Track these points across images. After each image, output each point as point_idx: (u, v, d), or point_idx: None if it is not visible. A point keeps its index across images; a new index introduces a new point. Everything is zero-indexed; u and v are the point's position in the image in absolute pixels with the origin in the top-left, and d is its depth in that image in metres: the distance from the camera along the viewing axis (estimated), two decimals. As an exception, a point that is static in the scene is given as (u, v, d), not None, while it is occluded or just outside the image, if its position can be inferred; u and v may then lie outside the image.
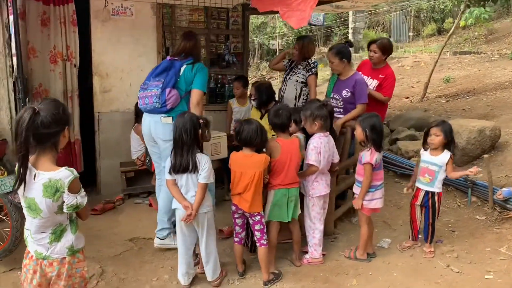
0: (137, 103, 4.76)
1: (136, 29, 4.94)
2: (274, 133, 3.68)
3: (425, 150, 3.77)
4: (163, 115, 3.65)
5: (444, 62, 14.17)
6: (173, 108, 3.63)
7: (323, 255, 3.74)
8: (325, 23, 10.49)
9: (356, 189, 3.69)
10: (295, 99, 5.17)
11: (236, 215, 3.39)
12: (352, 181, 4.25)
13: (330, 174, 3.86)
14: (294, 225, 3.63)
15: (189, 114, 3.23)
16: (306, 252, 3.72)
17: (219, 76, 5.46)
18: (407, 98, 10.10)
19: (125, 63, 4.98)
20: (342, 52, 4.42)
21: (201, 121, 3.22)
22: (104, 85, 4.96)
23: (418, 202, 3.76)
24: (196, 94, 3.68)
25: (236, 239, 3.44)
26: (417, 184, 3.76)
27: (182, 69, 3.69)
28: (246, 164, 3.24)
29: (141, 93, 3.71)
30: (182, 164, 3.10)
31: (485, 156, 4.40)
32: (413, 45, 19.28)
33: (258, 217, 3.34)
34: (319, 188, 3.58)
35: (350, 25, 19.30)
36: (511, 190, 4.18)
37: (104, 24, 4.83)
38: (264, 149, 3.50)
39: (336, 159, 3.73)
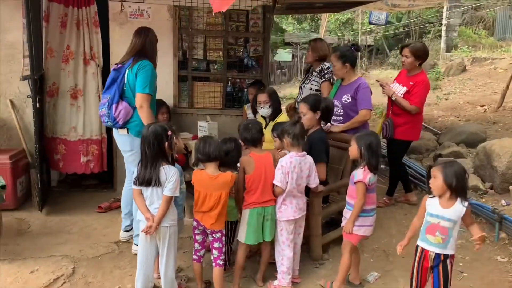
0: None
1: (153, 32, 4.95)
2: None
3: (432, 196, 2.77)
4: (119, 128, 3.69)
5: (549, 65, 12.47)
6: (127, 121, 3.61)
7: (297, 282, 3.46)
8: (388, 22, 9.74)
9: (347, 213, 3.30)
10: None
11: (196, 231, 3.26)
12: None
13: (314, 195, 3.55)
14: (265, 246, 3.42)
15: (154, 126, 3.09)
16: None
17: (237, 80, 5.29)
18: (482, 106, 9.03)
19: (142, 65, 5.02)
20: (346, 56, 4.06)
21: (169, 132, 3.09)
22: (121, 86, 5.05)
23: (430, 264, 2.78)
24: (138, 98, 3.57)
25: (195, 256, 3.30)
26: (423, 244, 2.79)
27: (126, 75, 3.60)
28: (212, 186, 3.08)
29: (99, 111, 3.76)
30: (146, 177, 3.02)
31: (511, 188, 3.72)
32: (519, 44, 17.20)
33: (219, 234, 3.18)
34: (287, 212, 3.29)
35: (444, 21, 17.76)
36: (537, 232, 3.49)
37: (122, 26, 4.92)
38: (238, 164, 3.34)
39: (314, 183, 3.40)
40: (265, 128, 4.34)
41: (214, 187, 3.07)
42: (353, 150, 3.25)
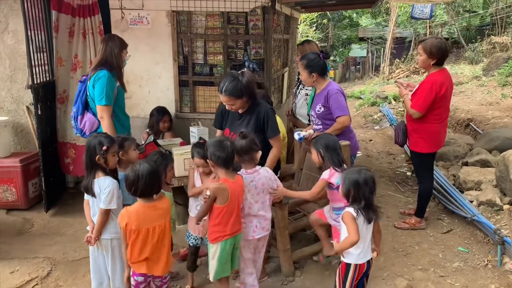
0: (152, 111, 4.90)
1: (152, 38, 5.00)
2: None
3: None
4: None
5: None
6: (93, 131, 3.73)
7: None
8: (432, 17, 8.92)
9: (337, 217, 3.13)
10: (308, 114, 4.58)
11: (141, 286, 2.83)
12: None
13: (279, 208, 3.35)
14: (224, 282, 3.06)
15: (92, 137, 3.06)
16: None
17: (239, 84, 5.14)
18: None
19: (144, 71, 5.11)
20: (312, 65, 3.75)
21: (104, 147, 2.95)
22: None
23: None
24: (97, 110, 3.65)
25: None
26: None
27: (87, 87, 3.68)
28: (152, 217, 2.76)
29: None
30: (84, 185, 3.05)
31: (506, 206, 3.20)
32: None
33: (167, 277, 2.96)
34: (246, 231, 3.05)
35: (528, 9, 15.99)
36: (530, 261, 2.96)
37: (123, 33, 4.98)
38: (208, 194, 2.83)
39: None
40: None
41: (155, 217, 2.77)
42: (314, 156, 3.23)
